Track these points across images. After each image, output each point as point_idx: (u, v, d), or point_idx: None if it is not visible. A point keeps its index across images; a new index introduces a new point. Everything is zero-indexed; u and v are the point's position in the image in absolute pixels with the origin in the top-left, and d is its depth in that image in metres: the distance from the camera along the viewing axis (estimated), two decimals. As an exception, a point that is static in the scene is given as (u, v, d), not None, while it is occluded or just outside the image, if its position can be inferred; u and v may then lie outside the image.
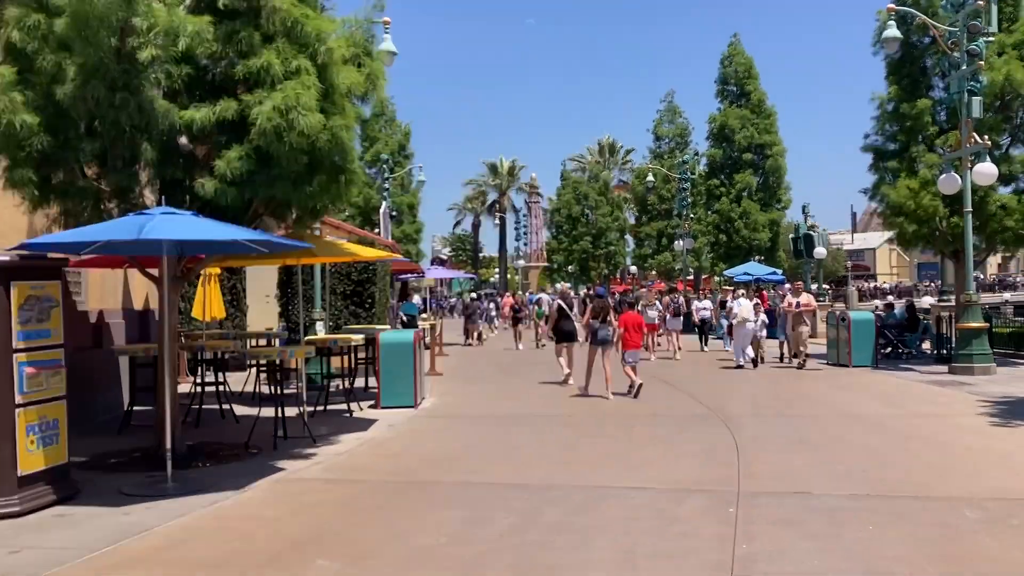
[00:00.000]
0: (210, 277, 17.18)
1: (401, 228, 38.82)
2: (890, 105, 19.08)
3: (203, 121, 8.18)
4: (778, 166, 36.24)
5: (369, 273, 17.62)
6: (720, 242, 36.28)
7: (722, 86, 37.29)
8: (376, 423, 11.39)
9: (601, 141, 65.75)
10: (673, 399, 13.60)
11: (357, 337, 12.62)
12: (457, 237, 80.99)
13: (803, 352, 17.46)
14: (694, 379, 16.33)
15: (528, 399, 13.81)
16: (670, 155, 40.84)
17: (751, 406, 12.67)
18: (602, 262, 48.71)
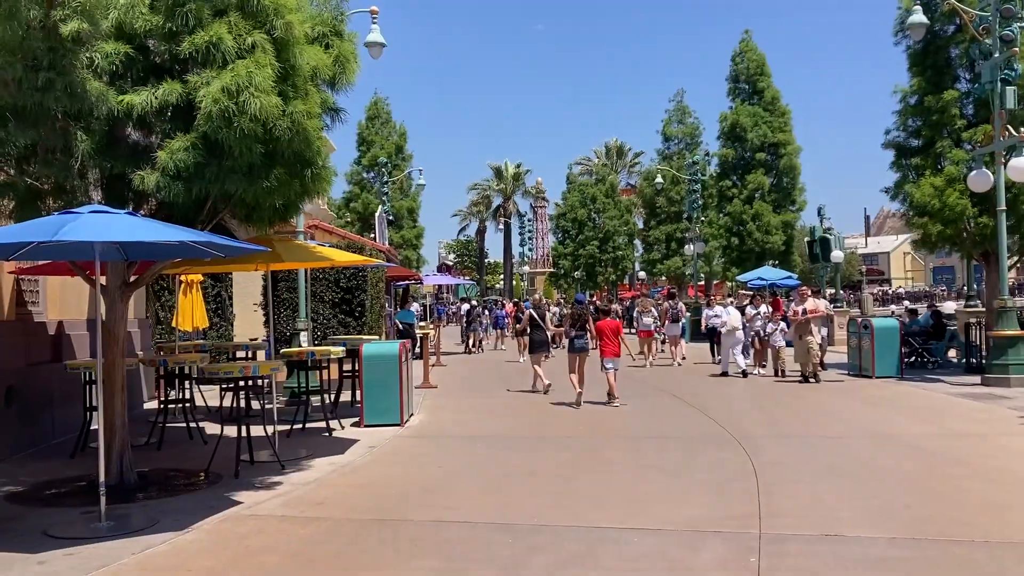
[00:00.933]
0: (192, 285, 16.25)
1: (400, 233, 37.80)
2: (913, 98, 17.96)
3: (143, 106, 7.15)
4: (792, 166, 34.96)
5: (359, 279, 16.58)
6: (732, 246, 34.99)
7: (733, 84, 36.08)
8: (356, 444, 10.34)
9: (608, 144, 64.64)
10: (682, 416, 12.48)
11: (336, 349, 11.57)
12: (461, 243, 79.93)
13: (814, 365, 15.71)
14: (704, 392, 15.19)
15: (524, 416, 12.72)
16: (679, 156, 39.68)
17: (769, 424, 11.54)
18: (609, 267, 47.54)
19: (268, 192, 7.64)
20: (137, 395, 12.21)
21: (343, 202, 39.07)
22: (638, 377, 17.90)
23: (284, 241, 9.55)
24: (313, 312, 16.44)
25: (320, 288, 16.47)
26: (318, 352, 11.15)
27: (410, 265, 37.83)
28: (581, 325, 13.66)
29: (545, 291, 62.62)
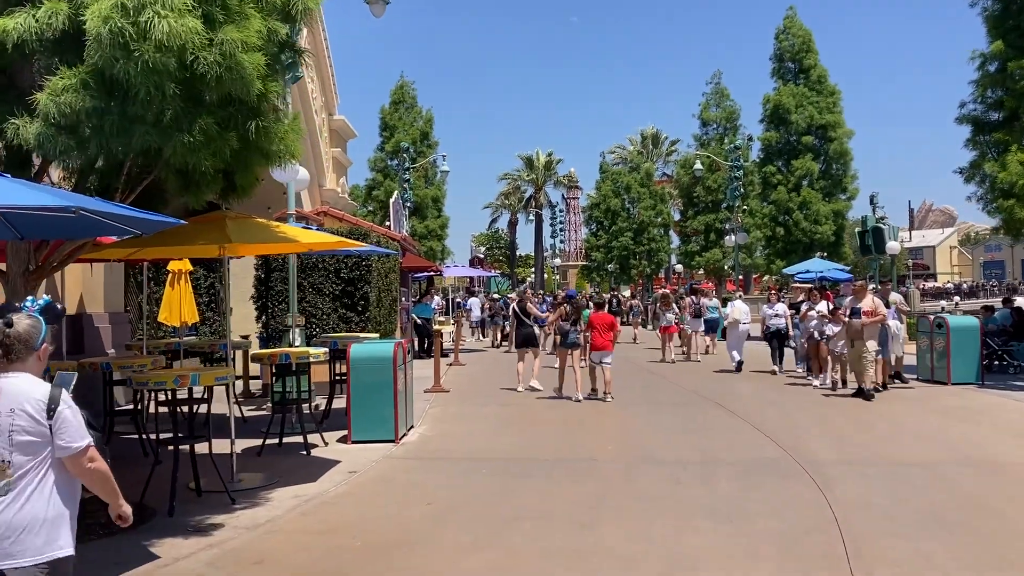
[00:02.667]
0: (179, 275, 14.57)
1: (425, 223, 35.98)
2: (993, 65, 15.69)
3: (20, 33, 5.35)
4: (843, 150, 32.37)
5: (362, 270, 14.79)
6: (777, 236, 32.58)
7: (778, 63, 33.61)
8: (334, 468, 8.52)
9: (644, 131, 62.15)
10: (730, 431, 10.47)
11: (317, 350, 9.73)
12: (490, 236, 78.01)
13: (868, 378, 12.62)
14: (758, 403, 13.13)
15: (543, 429, 10.79)
16: (718, 142, 37.34)
17: (837, 445, 9.49)
18: (644, 260, 45.36)
19: (192, 149, 5.77)
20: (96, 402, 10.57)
21: (366, 190, 37.35)
22: (670, 377, 15.93)
23: (239, 219, 7.72)
24: (311, 306, 14.70)
25: (318, 279, 14.71)
26: (293, 354, 9.32)
27: (434, 257, 36.06)
28: (574, 320, 13.42)
29: (577, 284, 60.54)
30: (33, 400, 3.06)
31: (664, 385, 15.49)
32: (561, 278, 65.68)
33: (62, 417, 3.07)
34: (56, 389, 3.11)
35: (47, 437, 3.06)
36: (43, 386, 3.12)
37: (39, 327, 3.21)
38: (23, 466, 3.04)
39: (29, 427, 3.04)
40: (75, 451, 3.11)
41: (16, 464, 3.03)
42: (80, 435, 3.12)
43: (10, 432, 3.03)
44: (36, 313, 3.24)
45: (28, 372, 3.16)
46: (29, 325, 3.17)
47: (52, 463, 3.10)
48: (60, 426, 3.07)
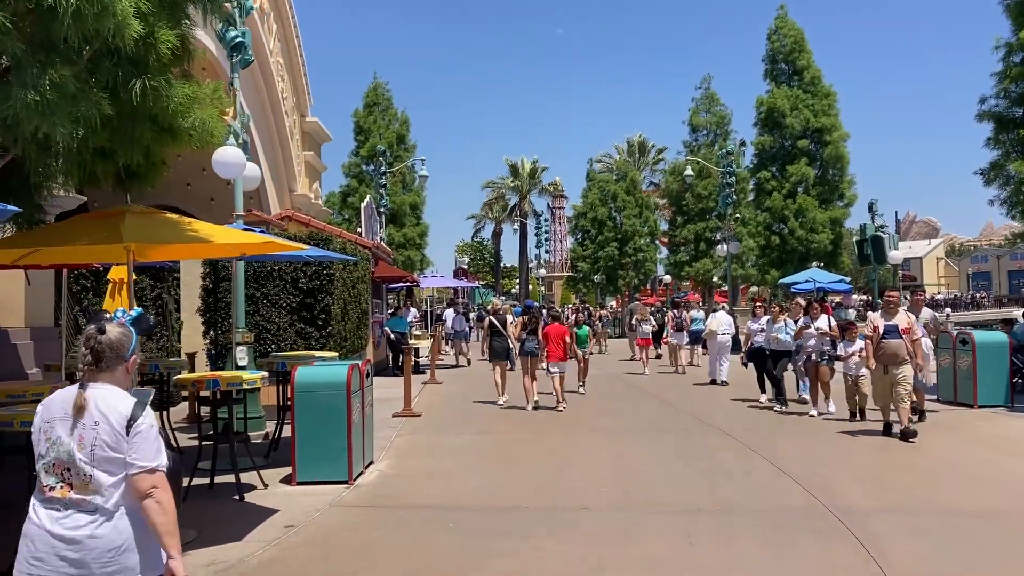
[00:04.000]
0: (121, 285, 12.98)
1: (403, 231, 34.34)
2: (1018, 56, 14.35)
3: None
4: (839, 155, 30.97)
5: (322, 279, 13.20)
6: (772, 245, 31.16)
7: (770, 65, 32.28)
8: (270, 519, 6.95)
9: (631, 139, 60.80)
10: (747, 469, 8.95)
11: (254, 375, 8.13)
12: (474, 246, 76.42)
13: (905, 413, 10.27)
14: (769, 432, 11.64)
15: (526, 468, 9.22)
16: (708, 148, 35.97)
17: (875, 489, 7.99)
18: (631, 270, 43.90)
19: (42, 112, 4.20)
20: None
21: (340, 197, 35.72)
22: (663, 397, 14.39)
23: (144, 214, 6.14)
24: (265, 320, 13.09)
25: (273, 290, 13.12)
26: (224, 379, 7.72)
27: (413, 267, 34.45)
28: (532, 330, 13.90)
29: (563, 295, 59.06)
30: (117, 414, 2.92)
31: (659, 408, 13.99)
32: (546, 289, 64.14)
33: (139, 433, 2.93)
34: (139, 404, 2.97)
35: (125, 454, 2.90)
36: (128, 400, 2.98)
37: (130, 337, 3.10)
38: (104, 483, 2.88)
39: (111, 442, 2.89)
40: (140, 470, 2.90)
41: (97, 480, 2.87)
42: (151, 456, 2.93)
43: (92, 446, 2.89)
44: (128, 323, 3.13)
45: (115, 384, 3.02)
46: (120, 333, 3.05)
47: None
48: (135, 442, 2.92)
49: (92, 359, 2.98)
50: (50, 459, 2.91)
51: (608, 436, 11.18)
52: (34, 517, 2.91)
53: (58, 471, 2.89)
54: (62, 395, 3.00)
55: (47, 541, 2.85)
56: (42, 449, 2.94)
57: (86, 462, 2.87)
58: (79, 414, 2.90)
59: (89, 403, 2.91)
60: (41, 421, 2.99)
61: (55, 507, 2.88)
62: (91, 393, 2.94)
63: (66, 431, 2.91)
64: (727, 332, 17.37)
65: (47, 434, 2.95)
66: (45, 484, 2.91)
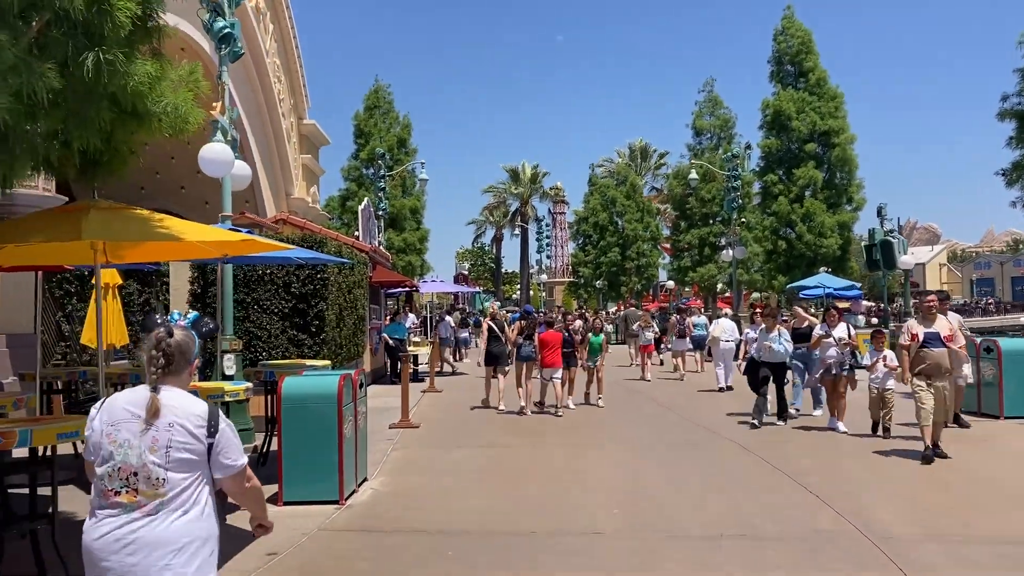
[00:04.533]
0: (106, 289, 12.40)
1: (403, 236, 33.71)
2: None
3: None
4: (847, 157, 30.33)
5: (316, 284, 12.59)
6: (779, 250, 30.51)
7: (776, 66, 31.68)
8: (251, 545, 6.31)
9: (632, 144, 60.26)
10: (769, 487, 8.31)
11: (235, 386, 7.51)
12: (475, 252, 75.82)
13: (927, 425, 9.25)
14: (789, 446, 11.02)
15: (532, 485, 8.59)
16: (712, 151, 35.38)
17: (914, 512, 7.35)
18: (633, 276, 43.35)
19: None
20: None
21: (339, 201, 35.12)
22: (672, 406, 13.72)
23: (110, 210, 5.54)
24: (255, 327, 12.49)
25: (264, 295, 12.51)
26: (203, 390, 7.09)
27: (413, 272, 33.83)
28: (528, 335, 13.95)
29: (564, 301, 58.50)
30: (193, 416, 2.93)
31: (667, 418, 13.35)
32: (547, 295, 63.57)
33: (224, 436, 2.97)
34: (214, 406, 3.02)
35: (203, 455, 2.93)
36: (201, 402, 2.99)
37: (194, 339, 3.10)
38: (177, 484, 2.87)
39: (188, 444, 2.90)
40: (237, 470, 3.01)
41: (171, 482, 2.86)
42: (240, 453, 3.02)
43: (167, 447, 2.87)
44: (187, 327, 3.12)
45: (180, 386, 3.02)
46: (186, 336, 3.06)
47: (206, 481, 2.97)
48: (223, 445, 2.96)
49: (164, 362, 2.95)
50: (115, 463, 2.86)
51: (617, 449, 10.56)
52: (96, 521, 2.88)
53: (124, 475, 2.85)
54: (125, 398, 2.96)
55: (109, 545, 2.82)
56: (105, 453, 2.88)
57: (159, 464, 2.85)
58: (154, 417, 2.86)
59: (162, 407, 2.89)
60: (102, 425, 2.92)
61: (119, 511, 2.85)
62: (163, 395, 2.92)
63: (134, 434, 2.87)
64: (731, 339, 16.90)
65: (111, 437, 2.88)
66: (109, 488, 2.86)
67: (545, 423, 12.88)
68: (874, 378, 10.91)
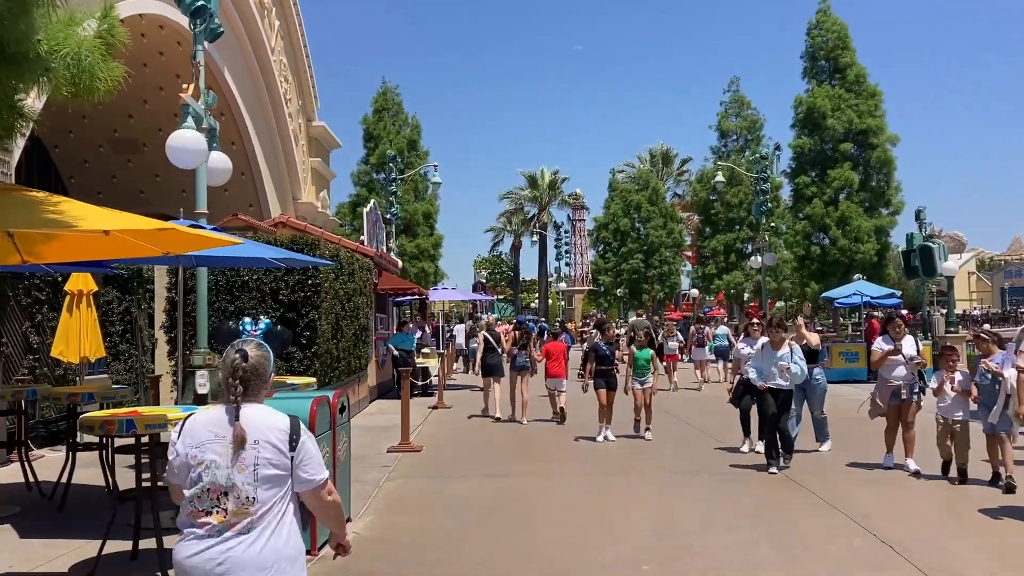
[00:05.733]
0: (80, 297, 11.29)
1: (415, 242, 32.48)
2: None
3: None
4: (886, 159, 28.76)
5: (308, 291, 11.32)
6: (811, 256, 28.90)
7: (810, 62, 30.12)
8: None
9: (653, 149, 58.75)
10: (828, 530, 6.90)
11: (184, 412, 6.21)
12: (492, 260, 74.54)
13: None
14: (842, 479, 9.60)
15: (545, 528, 7.22)
16: (738, 154, 33.90)
17: (1012, 566, 5.95)
18: (655, 284, 41.85)
19: None
20: None
21: (350, 207, 33.95)
22: (692, 420, 12.28)
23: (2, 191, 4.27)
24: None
25: (249, 302, 11.27)
26: (144, 420, 5.81)
27: (426, 279, 32.59)
28: (522, 345, 14.09)
29: (583, 310, 57.08)
30: (277, 431, 2.90)
31: (697, 440, 11.92)
32: (567, 303, 62.17)
33: (305, 449, 2.93)
34: (295, 419, 2.98)
35: (288, 470, 2.90)
36: (282, 416, 2.98)
37: (269, 356, 3.04)
38: (267, 502, 2.85)
39: (274, 459, 2.86)
40: (318, 484, 2.97)
41: (260, 500, 2.84)
42: (321, 467, 3.00)
43: (255, 465, 2.84)
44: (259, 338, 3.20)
45: (259, 401, 2.98)
46: (261, 356, 3.00)
47: (291, 497, 2.94)
48: (303, 458, 2.93)
49: (242, 388, 2.91)
50: (204, 484, 2.83)
51: (642, 480, 9.20)
52: (187, 542, 2.86)
53: (213, 496, 2.82)
54: (206, 418, 2.96)
55: (202, 565, 2.79)
56: (194, 474, 2.87)
57: (249, 483, 2.82)
58: (240, 446, 2.83)
59: (246, 425, 2.85)
60: (186, 447, 2.91)
61: (209, 532, 2.81)
62: (244, 414, 2.88)
63: (219, 454, 2.84)
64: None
65: (197, 459, 2.86)
66: (199, 509, 2.85)
67: (561, 446, 11.54)
68: (941, 406, 8.81)
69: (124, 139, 21.81)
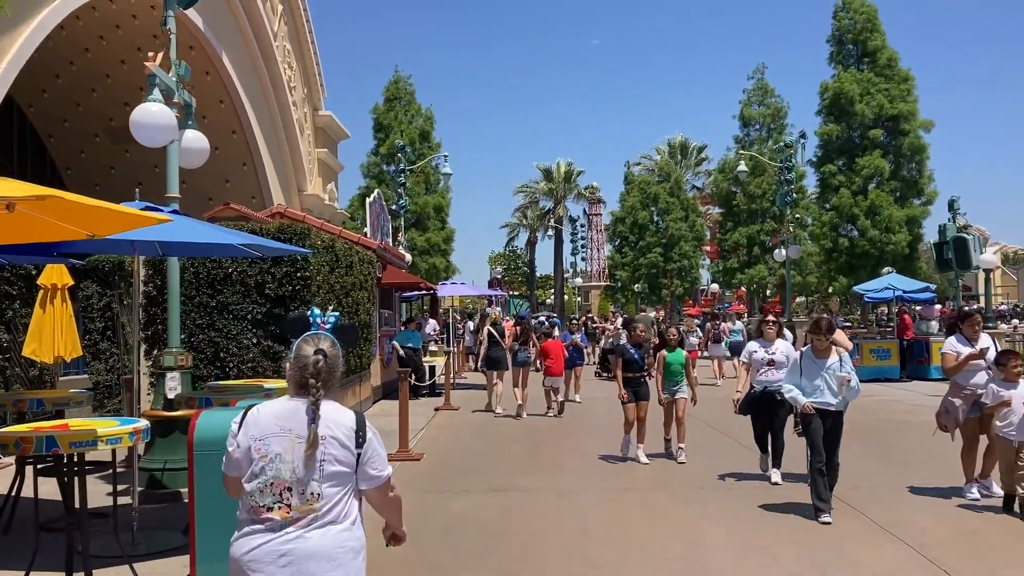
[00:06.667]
0: (54, 292, 10.34)
1: (426, 236, 31.47)
2: None
3: None
4: (919, 146, 27.43)
5: (296, 284, 10.33)
6: (840, 248, 27.60)
7: (837, 47, 28.80)
8: None
9: (671, 140, 57.40)
10: (898, 571, 5.84)
11: (120, 427, 5.22)
12: (507, 256, 73.47)
13: None
14: (891, 492, 8.50)
15: (556, 557, 6.19)
16: (762, 143, 32.64)
17: None
18: (675, 279, 40.64)
19: None
20: None
21: (359, 199, 32.98)
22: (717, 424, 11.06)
23: None
24: (222, 336, 10.27)
25: (233, 297, 10.30)
26: (66, 436, 4.82)
27: (437, 274, 31.60)
28: (523, 341, 14.40)
29: (600, 306, 55.96)
30: (344, 427, 2.86)
31: (724, 447, 10.79)
32: (583, 299, 61.04)
33: (371, 446, 2.90)
34: (360, 416, 2.94)
35: (353, 467, 2.87)
36: (349, 412, 2.95)
37: (339, 352, 2.98)
38: (331, 497, 2.82)
39: (340, 456, 2.83)
40: (383, 480, 2.95)
41: (326, 496, 2.81)
42: (385, 464, 2.96)
43: (321, 461, 2.80)
44: (328, 332, 3.01)
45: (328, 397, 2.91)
46: (336, 354, 2.95)
47: (354, 492, 2.90)
48: (370, 455, 2.89)
49: (321, 385, 2.85)
50: (267, 478, 2.79)
51: (665, 495, 8.13)
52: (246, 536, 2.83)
53: (277, 490, 2.78)
54: (271, 410, 2.90)
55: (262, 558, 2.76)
56: (256, 468, 2.82)
57: (315, 479, 2.79)
58: (314, 446, 2.78)
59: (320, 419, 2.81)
60: (249, 439, 2.86)
61: (271, 527, 2.78)
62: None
63: (285, 448, 2.80)
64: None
65: (260, 452, 2.82)
66: (261, 505, 2.79)
67: (574, 454, 10.50)
68: (1005, 426, 7.29)
69: (120, 128, 20.89)
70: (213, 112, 20.93)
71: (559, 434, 12.44)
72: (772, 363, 8.51)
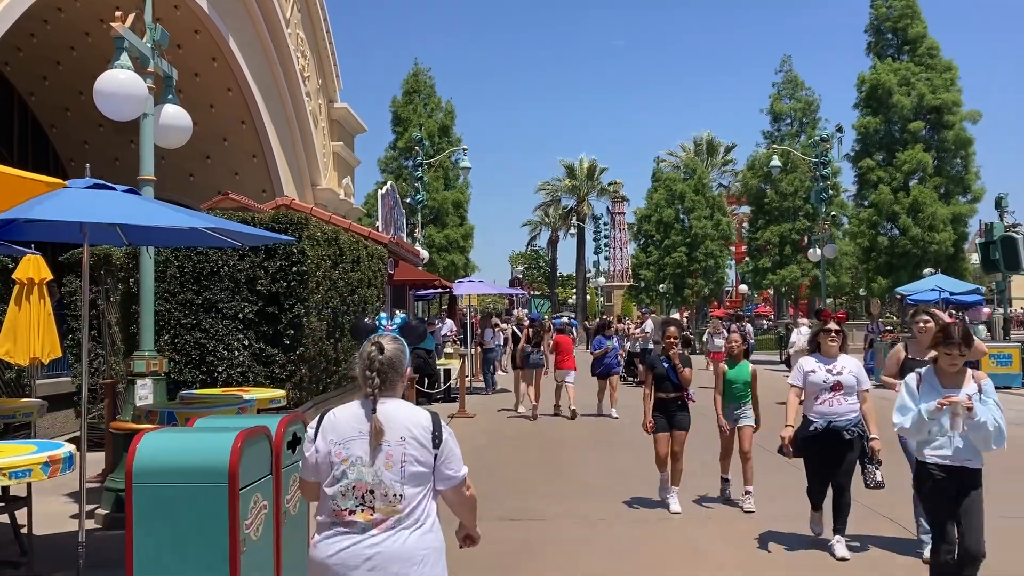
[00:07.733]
0: (31, 287, 9.36)
1: (444, 232, 30.42)
2: None
3: None
4: (964, 139, 26.01)
5: (291, 279, 9.28)
6: (879, 247, 26.20)
7: (875, 36, 27.42)
8: None
9: (697, 138, 55.98)
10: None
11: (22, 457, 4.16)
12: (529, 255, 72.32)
13: None
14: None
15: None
16: (793, 138, 31.30)
17: None
18: (700, 279, 39.33)
19: None
20: None
21: (375, 195, 32.01)
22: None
23: None
24: (207, 337, 9.25)
25: (221, 294, 9.26)
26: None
27: (456, 272, 30.55)
28: (536, 343, 14.48)
29: (624, 307, 54.69)
30: (420, 427, 2.86)
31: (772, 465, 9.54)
32: (606, 300, 59.78)
33: (448, 447, 2.89)
34: (436, 415, 2.93)
35: (431, 467, 2.85)
36: (424, 412, 2.94)
37: (404, 349, 2.99)
38: (413, 498, 2.81)
39: (420, 456, 2.82)
40: (459, 480, 2.95)
41: (407, 497, 2.80)
42: (460, 463, 2.95)
43: (402, 463, 2.80)
44: (395, 331, 3.03)
45: (397, 396, 2.95)
46: (396, 349, 2.95)
47: (433, 492, 2.89)
48: (447, 456, 2.88)
49: (379, 381, 2.86)
50: (349, 481, 2.79)
51: (716, 532, 6.97)
52: (328, 540, 2.80)
53: (359, 494, 2.79)
54: (347, 413, 2.89)
55: (348, 560, 2.75)
56: (337, 472, 2.82)
57: (397, 480, 2.79)
58: (379, 437, 2.79)
59: (388, 421, 2.83)
60: (328, 444, 2.85)
61: (354, 531, 2.77)
62: (385, 410, 2.84)
63: (365, 450, 2.80)
64: None
65: (341, 456, 2.82)
66: (343, 508, 2.79)
67: (601, 471, 9.38)
68: None
69: (124, 117, 20.15)
70: (220, 100, 20.02)
71: (584, 447, 11.32)
72: (838, 387, 6.23)
